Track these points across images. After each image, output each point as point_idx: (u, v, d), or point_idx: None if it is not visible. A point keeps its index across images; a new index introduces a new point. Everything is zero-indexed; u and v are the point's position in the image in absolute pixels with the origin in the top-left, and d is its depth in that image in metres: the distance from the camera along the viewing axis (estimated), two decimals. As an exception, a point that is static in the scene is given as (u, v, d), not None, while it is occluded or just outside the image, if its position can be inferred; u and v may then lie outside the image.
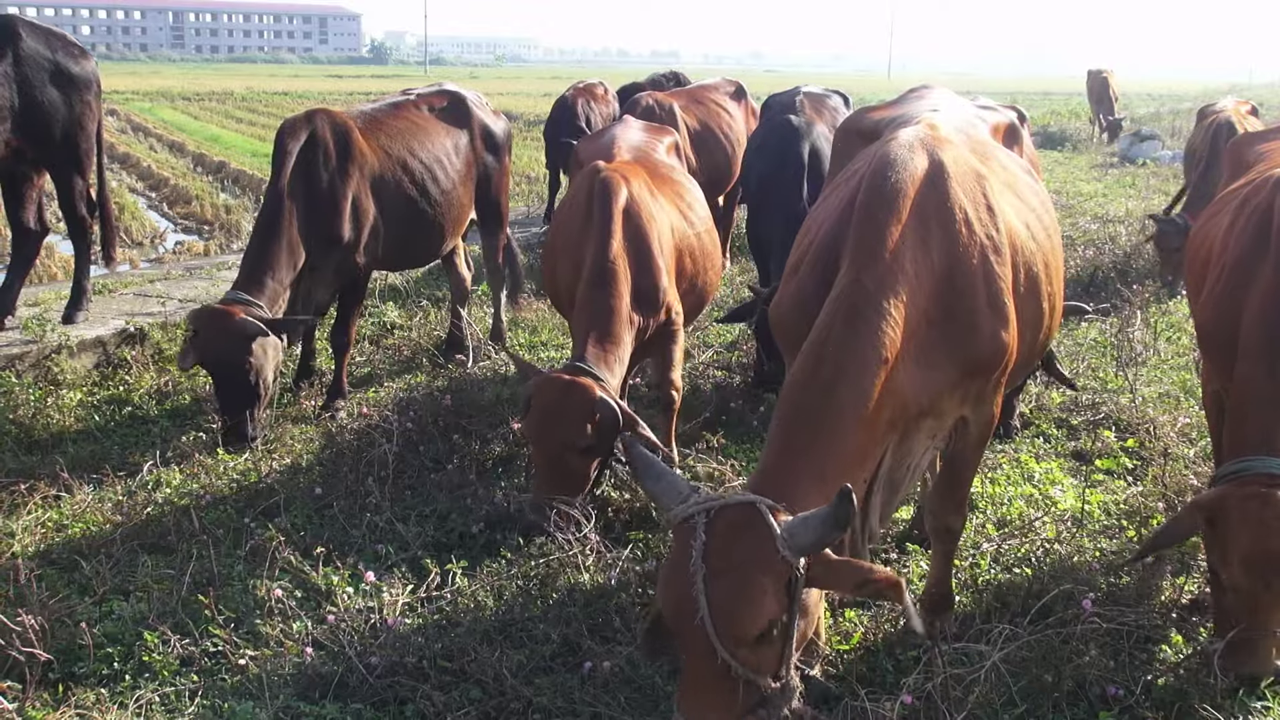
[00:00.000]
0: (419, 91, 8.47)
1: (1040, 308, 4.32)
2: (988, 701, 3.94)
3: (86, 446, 6.52)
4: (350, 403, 7.41)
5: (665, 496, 3.46)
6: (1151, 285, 10.25)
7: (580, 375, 5.24)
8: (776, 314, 4.20)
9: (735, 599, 3.16)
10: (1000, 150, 4.71)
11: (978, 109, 5.19)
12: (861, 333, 3.55)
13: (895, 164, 3.88)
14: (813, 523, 3.18)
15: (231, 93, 50.02)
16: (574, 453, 5.18)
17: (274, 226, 6.89)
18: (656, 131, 7.37)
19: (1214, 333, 4.67)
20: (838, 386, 3.49)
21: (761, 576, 3.18)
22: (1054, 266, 4.46)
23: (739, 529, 3.24)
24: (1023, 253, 4.16)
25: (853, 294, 3.60)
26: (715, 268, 6.50)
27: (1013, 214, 4.21)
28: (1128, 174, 20.84)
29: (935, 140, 4.10)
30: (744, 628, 3.17)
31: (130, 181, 20.78)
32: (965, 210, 3.91)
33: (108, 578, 4.94)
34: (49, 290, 9.80)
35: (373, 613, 4.50)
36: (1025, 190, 4.51)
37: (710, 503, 3.31)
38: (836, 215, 3.98)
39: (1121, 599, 4.67)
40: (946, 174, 3.94)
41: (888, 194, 3.79)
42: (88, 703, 4.02)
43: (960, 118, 4.74)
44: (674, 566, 3.29)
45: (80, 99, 8.26)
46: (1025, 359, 4.38)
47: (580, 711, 4.06)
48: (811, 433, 3.48)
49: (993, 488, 6.06)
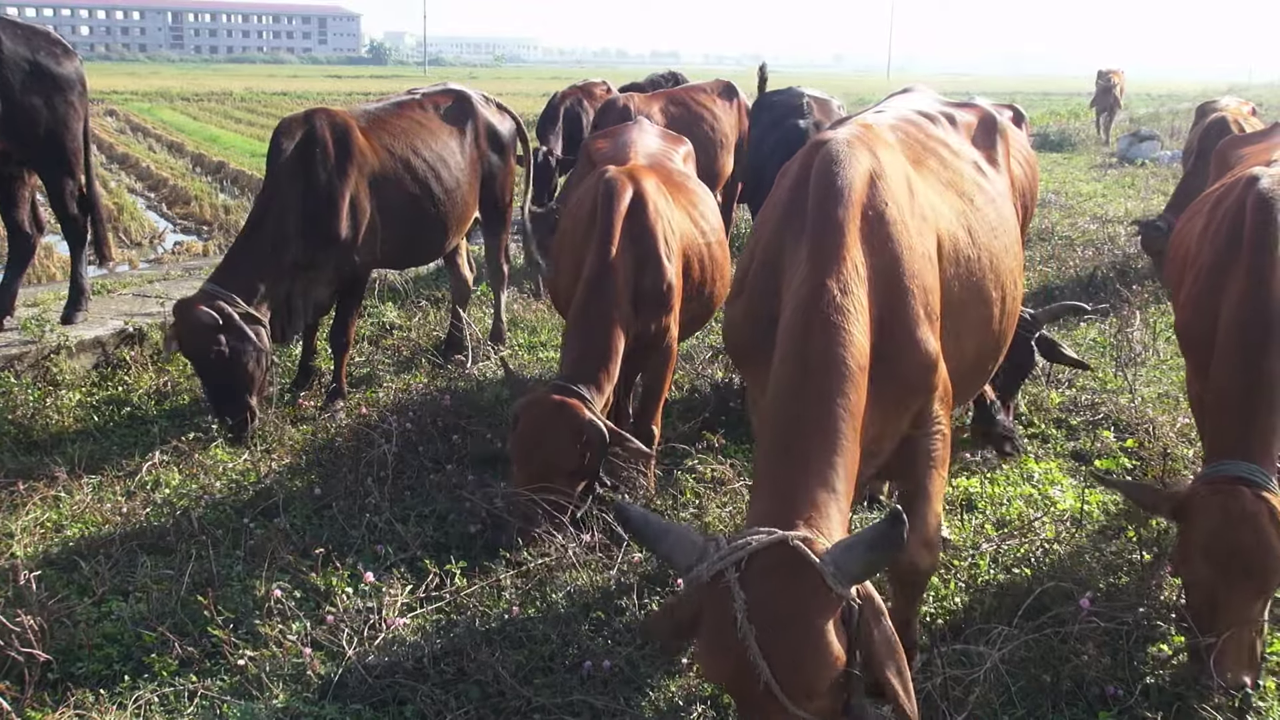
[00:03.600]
0: (424, 90, 8.47)
1: (985, 313, 4.13)
2: (986, 702, 3.94)
3: (85, 447, 6.52)
4: (349, 403, 7.41)
5: (678, 556, 3.05)
6: (1150, 285, 10.25)
7: (568, 396, 5.20)
8: (730, 329, 3.98)
9: (799, 654, 2.83)
10: (950, 149, 4.49)
11: (946, 107, 5.02)
12: (838, 340, 3.29)
13: (839, 161, 3.64)
14: (859, 549, 2.87)
15: (230, 93, 50.04)
16: (560, 475, 5.16)
17: (257, 223, 7.04)
18: (673, 140, 7.33)
19: (1192, 335, 4.68)
20: (832, 397, 3.22)
21: (819, 621, 2.84)
22: (1004, 267, 4.25)
23: (779, 574, 2.88)
24: (961, 255, 3.97)
25: (821, 300, 3.34)
26: (724, 280, 6.36)
27: (952, 214, 4.04)
28: (1127, 174, 20.85)
29: (870, 139, 3.87)
30: (816, 682, 2.84)
31: (129, 182, 20.79)
32: (902, 213, 3.69)
33: (107, 578, 4.94)
34: (48, 290, 9.80)
35: (372, 613, 4.50)
36: (971, 189, 4.30)
37: (737, 552, 2.91)
38: (778, 218, 3.75)
39: (1121, 599, 4.67)
40: (883, 173, 3.73)
41: (839, 191, 3.55)
42: (86, 703, 4.03)
43: (903, 116, 4.56)
44: (716, 633, 2.90)
45: (64, 99, 8.23)
46: (973, 367, 4.20)
47: (579, 711, 4.06)
48: (816, 446, 3.16)
49: (992, 488, 6.07)
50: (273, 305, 7.03)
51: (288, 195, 7.02)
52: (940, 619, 4.69)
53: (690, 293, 6.02)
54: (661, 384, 6.07)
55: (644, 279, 5.64)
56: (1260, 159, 5.46)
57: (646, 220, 5.69)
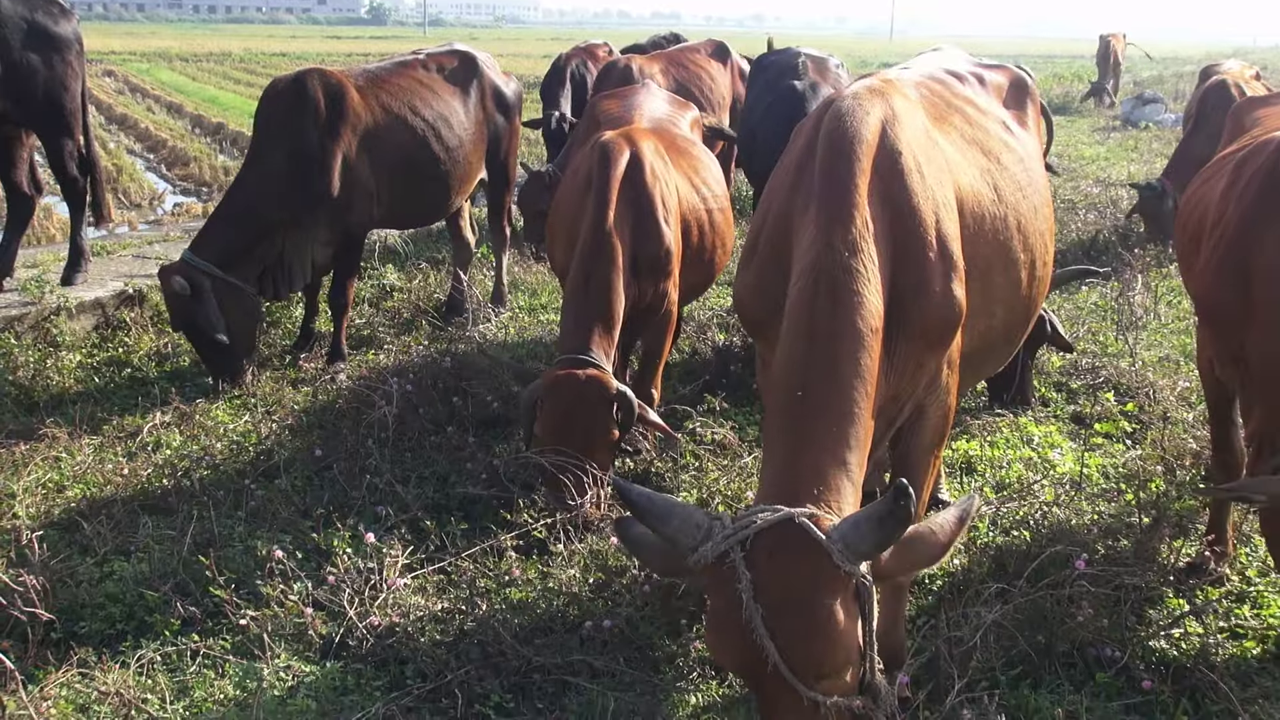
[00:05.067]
0: (429, 51, 8.43)
1: (1014, 277, 3.97)
2: (985, 663, 3.96)
3: (86, 408, 6.52)
4: (350, 365, 7.42)
5: (682, 535, 2.93)
6: (1152, 249, 10.22)
7: (587, 368, 5.13)
8: (741, 298, 3.85)
9: (808, 635, 2.76)
10: (977, 107, 4.37)
11: (975, 67, 4.93)
12: (847, 303, 3.16)
13: (847, 116, 3.50)
14: (866, 525, 2.78)
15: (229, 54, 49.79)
16: (602, 447, 5.12)
17: (240, 185, 7.18)
18: (680, 106, 7.28)
19: (1216, 300, 4.44)
20: (840, 365, 3.10)
21: (828, 600, 2.76)
22: (1033, 229, 4.10)
23: (785, 553, 2.80)
24: (986, 213, 3.84)
25: (828, 262, 3.20)
26: (726, 247, 6.34)
27: (975, 171, 3.91)
28: (1130, 137, 20.76)
29: (886, 90, 3.73)
30: (826, 662, 2.79)
31: (128, 143, 20.73)
32: (918, 162, 3.55)
33: (108, 538, 4.96)
34: (47, 252, 9.78)
35: (373, 573, 4.50)
36: (998, 147, 4.16)
37: (742, 531, 2.83)
38: (789, 181, 3.61)
39: (1119, 561, 4.68)
40: (897, 120, 3.59)
41: (845, 149, 3.41)
42: (89, 662, 4.05)
43: (928, 74, 4.43)
44: (723, 614, 2.83)
45: (62, 59, 8.20)
46: (1001, 336, 4.08)
47: (579, 671, 4.09)
48: (824, 418, 3.04)
49: (992, 451, 6.08)
50: (262, 265, 7.06)
51: (274, 155, 7.03)
52: (939, 580, 4.71)
53: (690, 258, 5.96)
54: (661, 349, 6.05)
55: (642, 244, 5.57)
56: (1279, 122, 5.39)
57: (644, 184, 5.63)
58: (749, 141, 8.62)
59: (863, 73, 5.01)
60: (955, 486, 5.67)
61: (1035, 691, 3.94)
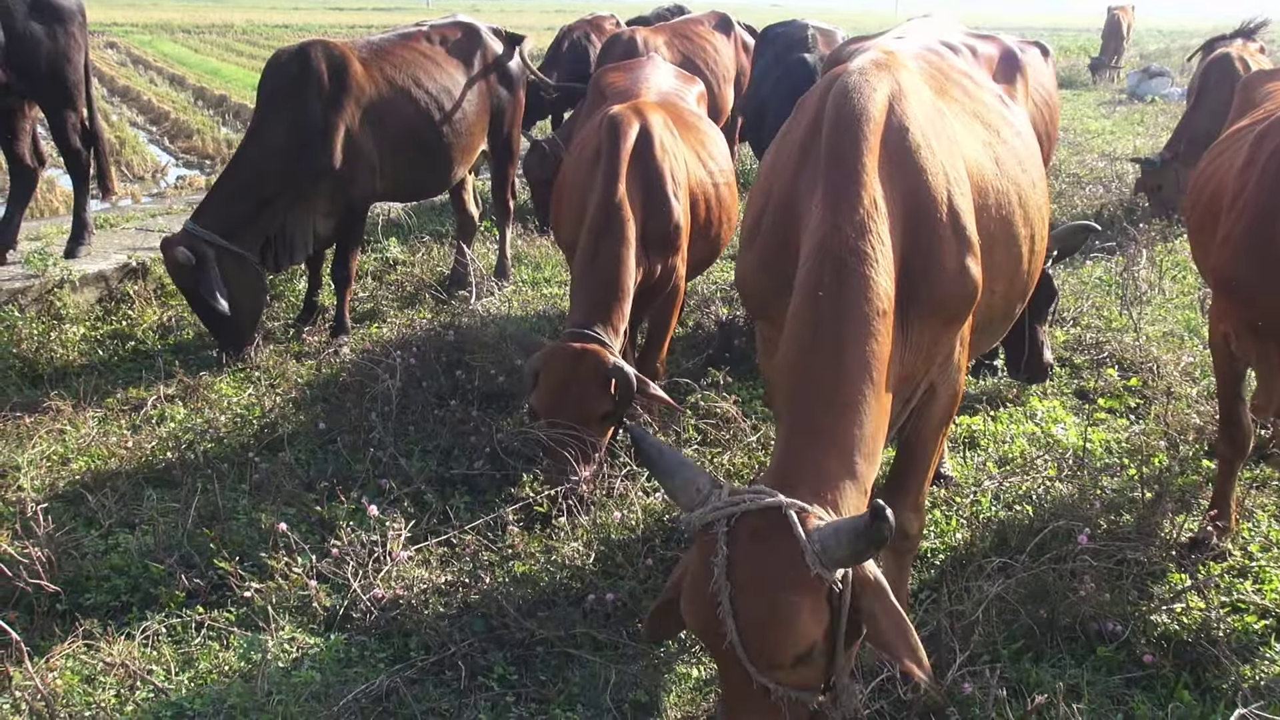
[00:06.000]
0: (432, 23, 8.40)
1: (1015, 251, 3.90)
2: (987, 636, 3.97)
3: (90, 380, 6.53)
4: (353, 338, 7.42)
5: (681, 495, 2.99)
6: (1158, 224, 10.19)
7: (588, 343, 5.10)
8: (744, 279, 3.77)
9: (766, 623, 2.78)
10: (973, 80, 4.31)
11: (968, 38, 4.85)
12: (854, 287, 3.09)
13: (853, 92, 3.41)
14: (845, 535, 2.74)
15: (232, 25, 49.57)
16: (593, 422, 5.07)
17: (240, 157, 7.19)
18: (686, 79, 7.23)
19: (1236, 274, 4.40)
20: (844, 353, 3.05)
21: (792, 596, 2.77)
22: (1032, 203, 4.02)
23: (763, 540, 2.81)
24: (989, 188, 3.76)
25: (834, 244, 3.14)
26: (731, 222, 6.31)
27: (978, 144, 3.84)
28: (1136, 111, 20.66)
29: (891, 64, 3.65)
30: (778, 653, 2.80)
31: (131, 115, 20.67)
32: (927, 136, 3.48)
33: (113, 511, 4.98)
34: (51, 224, 9.77)
35: (376, 546, 4.52)
36: (997, 120, 4.09)
37: (731, 508, 2.86)
38: (795, 160, 3.53)
39: (1121, 536, 4.69)
40: (904, 95, 3.52)
41: (851, 126, 3.33)
42: (95, 633, 4.07)
43: (925, 45, 4.37)
44: (696, 582, 2.89)
45: (65, 31, 8.18)
46: (1001, 312, 4.03)
47: (582, 643, 4.10)
48: (827, 409, 3.02)
49: (995, 425, 6.08)
50: (264, 236, 7.05)
51: (275, 127, 7.02)
52: (941, 554, 4.72)
53: (697, 233, 5.93)
54: (668, 324, 6.04)
55: (652, 218, 5.54)
56: None
57: (653, 158, 5.59)
58: (757, 115, 8.55)
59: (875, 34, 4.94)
60: (958, 460, 5.67)
61: (1037, 665, 3.96)
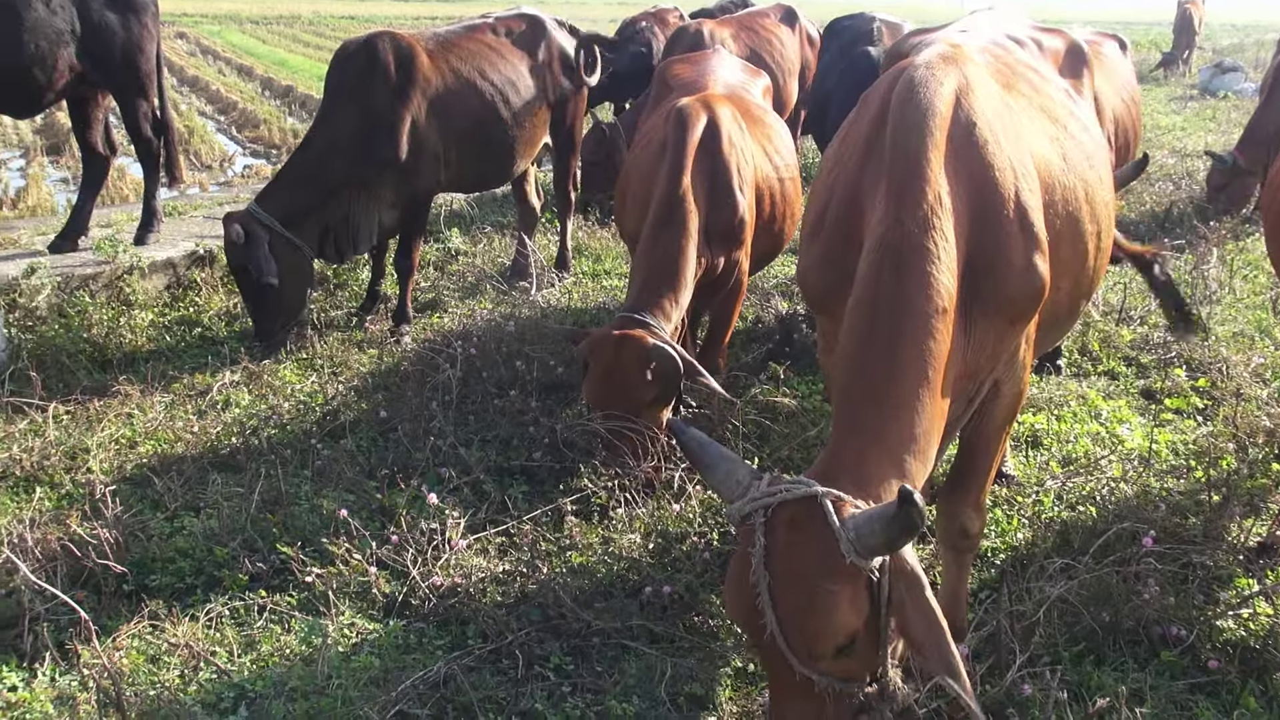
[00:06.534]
0: (497, 15, 8.43)
1: (1081, 249, 3.82)
2: (1048, 638, 3.92)
3: (158, 366, 6.64)
4: (415, 328, 7.48)
5: (724, 488, 3.01)
6: (1229, 222, 9.98)
7: (630, 327, 5.07)
8: (806, 274, 3.73)
9: (804, 612, 2.78)
10: (1040, 74, 4.24)
11: (1033, 31, 4.80)
12: (913, 283, 3.07)
13: (919, 87, 3.37)
14: (878, 522, 2.73)
15: (299, 16, 50.09)
16: (640, 407, 5.02)
17: (306, 145, 7.27)
18: (752, 73, 7.20)
19: None
20: (899, 350, 3.03)
21: (830, 585, 2.76)
22: (1099, 199, 3.92)
23: (799, 529, 2.82)
24: (1056, 183, 3.68)
25: (896, 239, 3.11)
26: (794, 217, 6.25)
27: (1045, 139, 3.77)
28: (1208, 107, 20.25)
29: (958, 58, 3.59)
30: (819, 643, 2.80)
31: (199, 105, 20.95)
32: (994, 131, 3.43)
33: (179, 494, 5.06)
34: (121, 212, 9.94)
35: (436, 534, 4.55)
36: (1064, 115, 4.01)
37: (769, 498, 2.87)
38: (859, 155, 3.50)
39: (1187, 539, 4.61)
40: (971, 89, 3.47)
41: (917, 121, 3.29)
42: (160, 614, 4.15)
43: (991, 38, 4.30)
44: (736, 573, 2.90)
45: (139, 21, 8.31)
46: (1067, 311, 3.97)
47: (638, 635, 4.11)
48: (878, 405, 3.01)
49: (1059, 425, 5.99)
50: (327, 226, 7.11)
51: (342, 117, 7.08)
52: (1002, 554, 4.67)
53: (761, 228, 5.90)
54: (729, 319, 6.02)
55: (716, 212, 5.51)
56: None
57: (720, 151, 5.57)
58: (821, 108, 8.50)
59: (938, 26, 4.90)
60: (1020, 460, 5.60)
61: (1098, 668, 3.90)
